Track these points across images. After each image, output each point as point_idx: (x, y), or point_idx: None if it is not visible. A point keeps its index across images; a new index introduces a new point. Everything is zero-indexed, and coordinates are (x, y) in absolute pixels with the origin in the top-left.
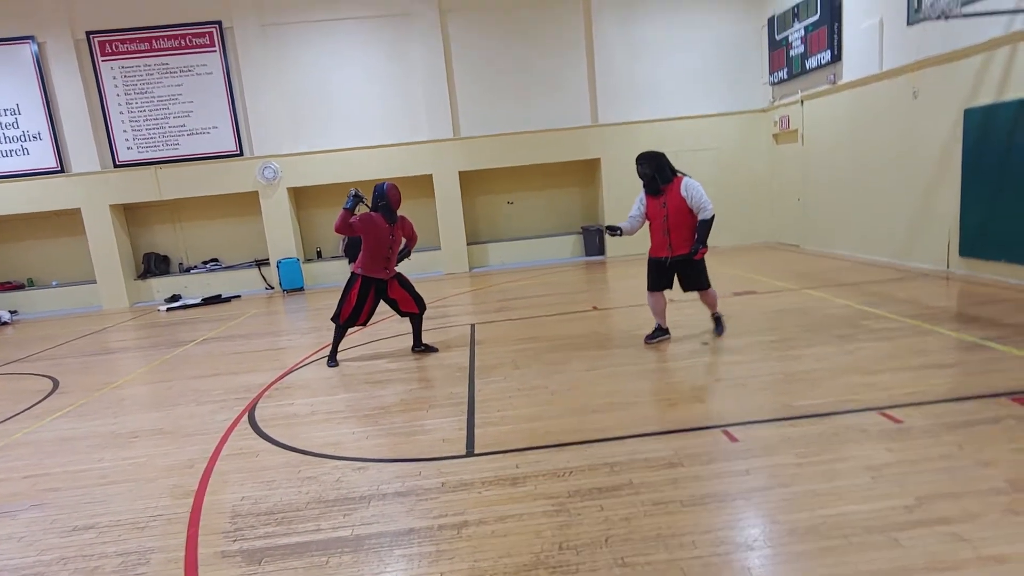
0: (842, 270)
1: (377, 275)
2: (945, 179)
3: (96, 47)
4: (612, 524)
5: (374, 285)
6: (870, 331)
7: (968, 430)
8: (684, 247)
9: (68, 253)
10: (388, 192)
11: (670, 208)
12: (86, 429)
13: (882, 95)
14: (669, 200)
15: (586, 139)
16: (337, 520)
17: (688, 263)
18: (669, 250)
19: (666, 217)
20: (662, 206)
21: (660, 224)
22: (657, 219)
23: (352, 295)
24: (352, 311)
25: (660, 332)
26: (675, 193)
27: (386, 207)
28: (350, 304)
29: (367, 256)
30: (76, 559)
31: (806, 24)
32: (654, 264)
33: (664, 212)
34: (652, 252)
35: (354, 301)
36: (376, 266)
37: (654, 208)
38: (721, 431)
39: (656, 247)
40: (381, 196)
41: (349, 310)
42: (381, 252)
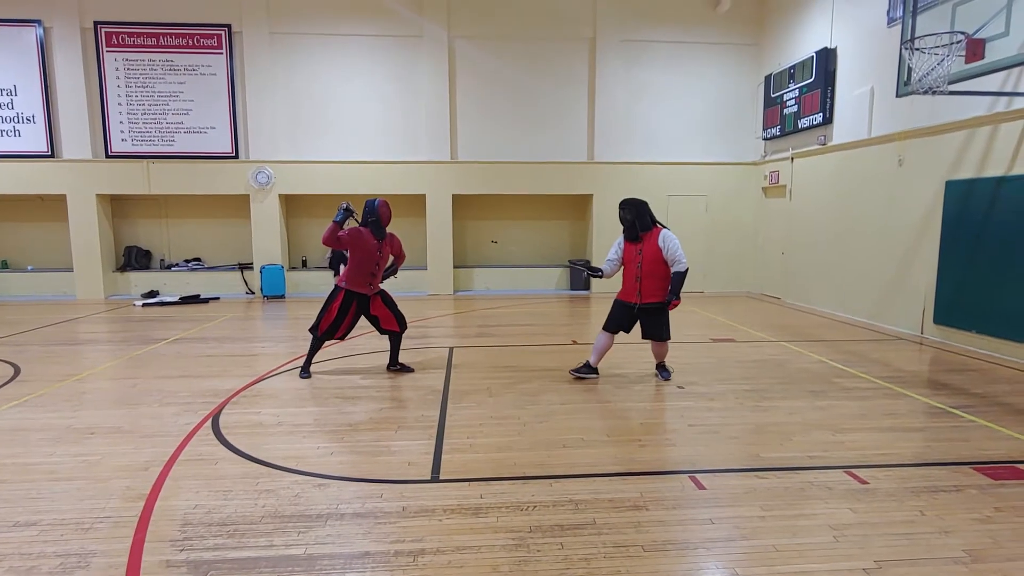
0: (820, 326)
1: (361, 290)
2: (924, 247)
3: (102, 37)
4: (571, 563)
5: (356, 300)
6: (843, 389)
7: (931, 496)
8: (653, 296)
9: (47, 239)
10: (379, 208)
11: (645, 256)
12: (42, 421)
13: (869, 160)
14: (646, 248)
15: (580, 175)
16: (291, 537)
17: (654, 312)
18: (639, 297)
19: (640, 264)
20: (638, 252)
21: (633, 270)
22: (631, 265)
23: (333, 308)
24: (331, 324)
25: (589, 370)
26: (652, 242)
27: (376, 223)
28: (330, 317)
29: (353, 270)
30: (12, 556)
31: (801, 85)
32: (621, 306)
33: (639, 259)
34: (622, 296)
35: (334, 314)
36: (361, 281)
37: (630, 254)
38: (689, 477)
39: (627, 292)
40: (371, 212)
41: (328, 323)
42: (367, 268)
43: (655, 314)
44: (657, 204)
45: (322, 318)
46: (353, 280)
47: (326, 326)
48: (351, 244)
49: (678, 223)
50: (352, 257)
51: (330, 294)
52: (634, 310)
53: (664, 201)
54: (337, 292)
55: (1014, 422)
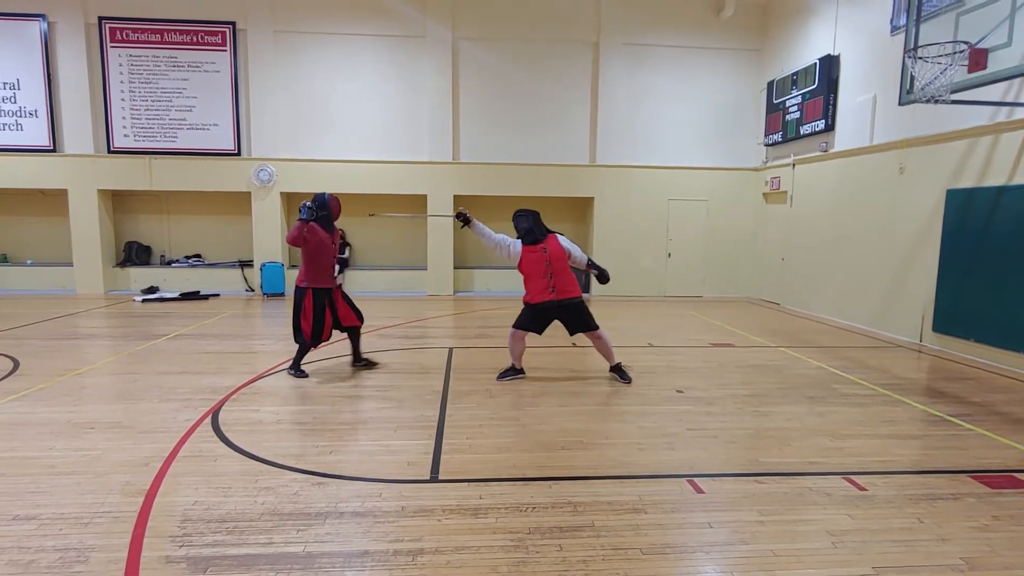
0: (818, 332)
1: (326, 284)
2: (923, 255)
3: (107, 32)
4: (570, 565)
5: (325, 295)
6: (841, 395)
7: (930, 504)
8: (568, 291)
9: (48, 233)
10: (330, 202)
11: (551, 253)
12: (41, 415)
13: (870, 167)
14: (549, 247)
15: (582, 177)
16: (290, 535)
17: (573, 308)
18: (553, 292)
19: (548, 262)
20: (543, 251)
21: (542, 269)
22: (539, 264)
23: (308, 309)
24: (314, 327)
25: (514, 372)
26: (554, 243)
27: (327, 217)
28: (309, 319)
29: (314, 267)
30: (12, 550)
31: (804, 92)
32: (533, 309)
33: (546, 257)
34: (533, 299)
35: (311, 316)
36: (324, 276)
37: (534, 254)
38: (687, 481)
39: (538, 292)
40: (323, 206)
41: (310, 326)
42: (327, 262)
43: (574, 308)
44: (658, 208)
45: (301, 323)
46: (316, 277)
47: (311, 331)
48: (311, 241)
49: (678, 227)
50: (313, 254)
51: (297, 298)
52: (551, 308)
53: (664, 205)
54: (304, 292)
55: (1012, 431)
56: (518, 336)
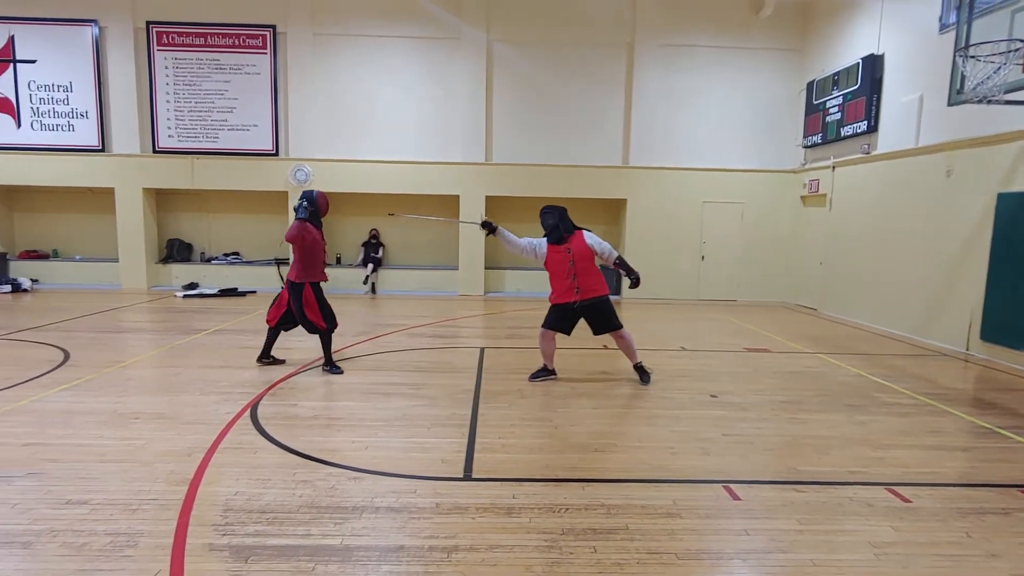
0: (858, 339)
1: (320, 279)
2: (972, 261)
3: (154, 36)
4: (604, 568)
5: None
6: (883, 404)
7: (978, 518)
8: (593, 291)
9: (95, 230)
10: (318, 199)
11: (575, 254)
12: (90, 404)
13: (915, 170)
14: (573, 246)
15: (615, 179)
16: (328, 527)
17: (598, 307)
18: (577, 294)
19: (572, 262)
20: (567, 252)
21: (566, 270)
22: (562, 265)
23: (312, 300)
24: (324, 312)
25: (546, 372)
26: (579, 241)
27: (315, 214)
28: (316, 308)
29: (308, 263)
30: (66, 533)
31: (845, 92)
32: (558, 310)
33: (569, 258)
34: (557, 300)
35: (316, 305)
36: (317, 270)
37: (558, 254)
38: (723, 487)
39: (561, 293)
40: (312, 203)
41: (321, 314)
42: (321, 257)
43: (599, 308)
44: (692, 210)
45: (309, 317)
46: (311, 272)
47: (323, 317)
48: (307, 238)
49: (713, 230)
50: (306, 251)
51: (296, 294)
52: (575, 309)
53: (699, 207)
54: (301, 287)
55: None
56: (547, 336)
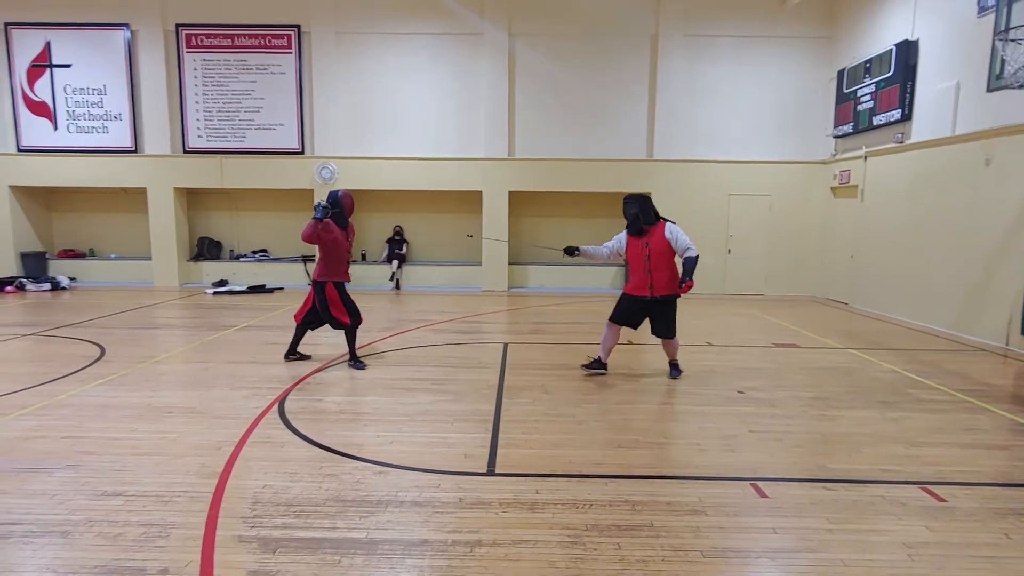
0: (892, 334)
1: (343, 278)
2: (1012, 253)
3: (183, 39)
4: (628, 564)
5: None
6: (917, 401)
7: (1018, 519)
8: (665, 288)
9: (129, 229)
10: (343, 199)
11: (652, 248)
12: (124, 399)
13: (952, 159)
14: (652, 241)
15: (639, 172)
16: (353, 521)
17: (664, 305)
18: (650, 290)
19: (648, 257)
20: (644, 246)
21: (642, 264)
22: (639, 259)
23: (336, 298)
24: (350, 308)
25: (599, 365)
26: (659, 235)
27: (339, 214)
28: (340, 306)
29: (332, 263)
30: (102, 523)
31: (878, 80)
32: (631, 300)
33: (646, 252)
34: (632, 291)
35: (340, 302)
36: (340, 270)
37: (636, 248)
38: (750, 484)
39: (637, 286)
40: (336, 203)
41: (344, 312)
42: (344, 257)
43: (666, 307)
44: (717, 203)
45: (334, 314)
46: (334, 271)
47: (349, 312)
48: (327, 238)
49: (739, 223)
50: (326, 250)
51: (320, 292)
52: (647, 302)
53: (725, 200)
54: (323, 285)
55: None
56: (613, 329)
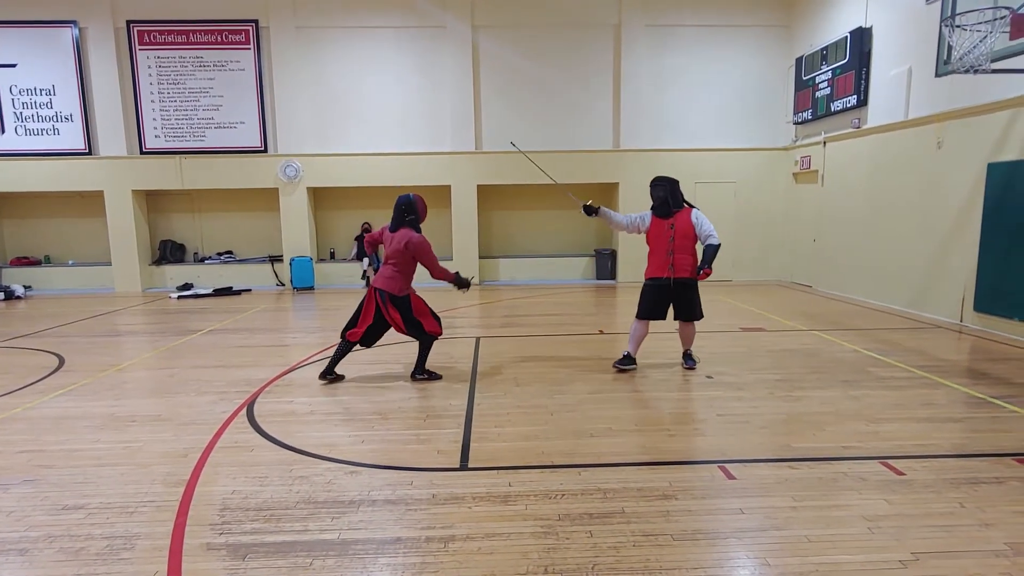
0: (853, 314)
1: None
2: (964, 232)
3: (135, 36)
4: (600, 552)
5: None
6: (877, 379)
7: (971, 488)
8: (686, 271)
9: (86, 234)
10: (417, 205)
11: (677, 231)
12: (86, 409)
13: (906, 143)
14: (677, 223)
15: (606, 163)
16: (325, 522)
17: (687, 287)
18: (671, 271)
19: (672, 239)
20: (669, 227)
21: (665, 245)
22: (663, 240)
23: (424, 307)
24: (436, 317)
25: (629, 361)
26: (685, 219)
27: (414, 221)
28: (430, 316)
29: (409, 273)
30: (63, 538)
31: (834, 67)
32: (652, 287)
33: (671, 233)
34: (652, 273)
35: (428, 311)
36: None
37: (660, 229)
38: (718, 467)
39: (657, 268)
40: (410, 209)
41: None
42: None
43: (688, 290)
44: (685, 191)
45: (428, 323)
46: (410, 281)
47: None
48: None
49: (706, 210)
50: (409, 261)
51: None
52: (668, 288)
53: (691, 189)
54: (408, 299)
55: None
56: (642, 324)
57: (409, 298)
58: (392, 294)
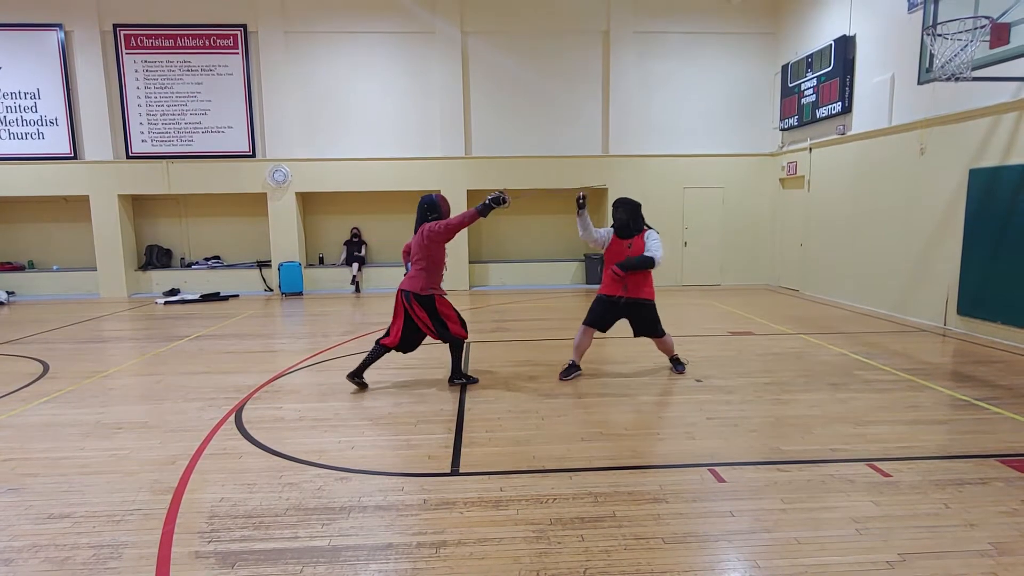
0: (839, 318)
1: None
2: (947, 237)
3: (121, 40)
4: (592, 555)
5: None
6: (864, 381)
7: (956, 489)
8: (639, 292)
9: (71, 239)
10: (440, 204)
11: (633, 252)
12: (71, 416)
13: (889, 149)
14: (635, 244)
15: (595, 168)
16: (315, 529)
17: (643, 307)
18: (624, 290)
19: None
20: (627, 247)
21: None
22: (619, 258)
23: (450, 310)
24: (462, 320)
25: (574, 369)
26: (640, 241)
27: (438, 219)
28: (456, 318)
29: (434, 273)
30: (48, 548)
31: (819, 74)
32: (603, 302)
33: (627, 254)
34: (604, 291)
35: (454, 313)
36: (439, 280)
37: (618, 247)
38: (708, 470)
39: (609, 285)
40: (433, 208)
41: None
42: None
43: (643, 310)
44: (673, 197)
45: (453, 325)
46: (436, 281)
47: (463, 325)
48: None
49: (694, 215)
50: (434, 259)
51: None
52: (619, 304)
53: (680, 194)
54: (434, 299)
55: None
56: (587, 333)
57: (434, 298)
58: (415, 293)
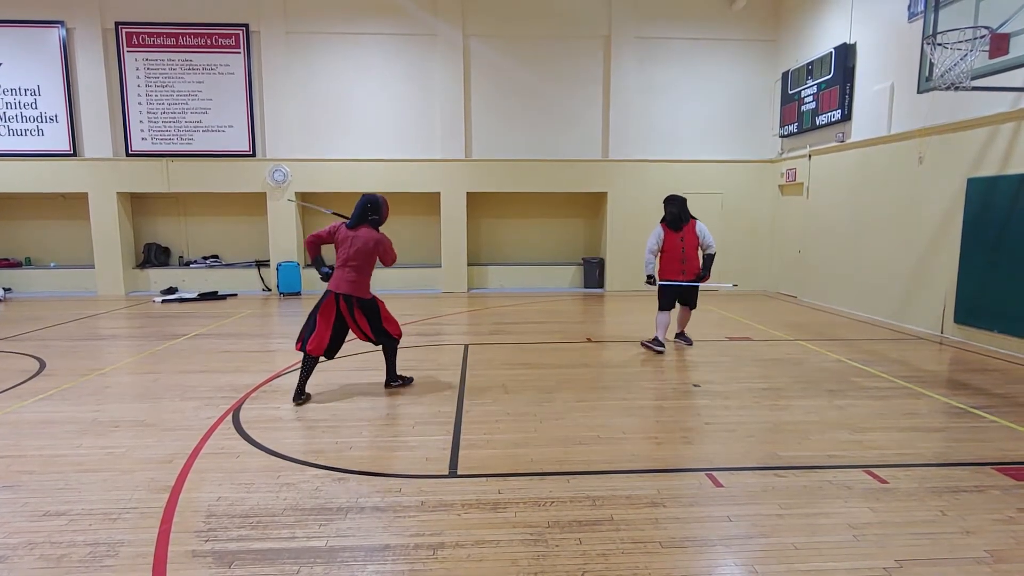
0: (837, 325)
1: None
2: (944, 245)
3: (123, 37)
4: (589, 559)
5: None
6: (861, 388)
7: (953, 496)
8: (693, 274)
9: (69, 236)
10: (382, 206)
11: (687, 242)
12: (67, 414)
13: (888, 157)
14: (687, 236)
15: (595, 172)
16: (312, 529)
17: (694, 286)
18: (683, 275)
19: (683, 249)
20: (680, 240)
21: (677, 255)
22: (675, 250)
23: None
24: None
25: (659, 344)
26: (691, 231)
27: (377, 221)
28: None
29: (370, 276)
30: (44, 545)
31: (819, 82)
32: (669, 288)
33: (682, 245)
34: (667, 276)
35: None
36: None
37: (673, 240)
38: (706, 475)
39: (671, 273)
40: (375, 209)
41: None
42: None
43: (695, 288)
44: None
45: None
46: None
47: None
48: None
49: None
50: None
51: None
52: (679, 286)
53: None
54: (376, 303)
55: None
56: (665, 315)
57: (376, 302)
58: (360, 298)
